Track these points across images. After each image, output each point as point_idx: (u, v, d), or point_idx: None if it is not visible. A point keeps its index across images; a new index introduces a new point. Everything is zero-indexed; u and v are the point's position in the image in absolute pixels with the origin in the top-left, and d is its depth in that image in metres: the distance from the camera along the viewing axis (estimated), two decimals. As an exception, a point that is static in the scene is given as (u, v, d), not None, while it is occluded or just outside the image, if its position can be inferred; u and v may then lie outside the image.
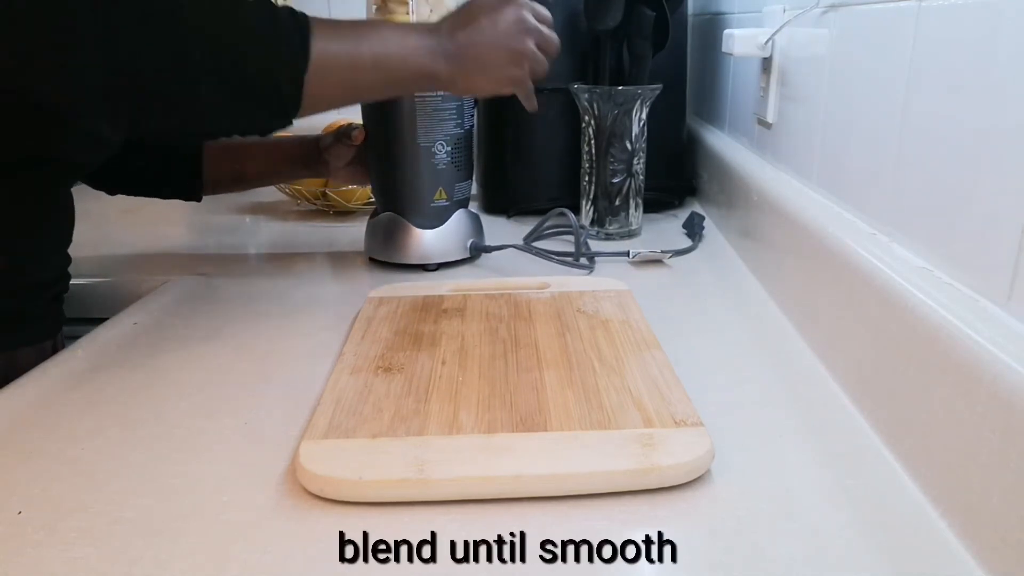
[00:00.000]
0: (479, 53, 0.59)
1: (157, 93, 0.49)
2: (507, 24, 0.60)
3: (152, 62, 0.47)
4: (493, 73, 0.61)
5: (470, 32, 0.59)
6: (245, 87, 0.51)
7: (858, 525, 0.38)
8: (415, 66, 0.57)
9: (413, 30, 0.58)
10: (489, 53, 0.60)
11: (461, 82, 0.60)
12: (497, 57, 0.60)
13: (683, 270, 0.78)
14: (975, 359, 0.36)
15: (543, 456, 0.42)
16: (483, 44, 0.59)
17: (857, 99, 0.56)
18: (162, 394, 0.53)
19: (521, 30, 0.61)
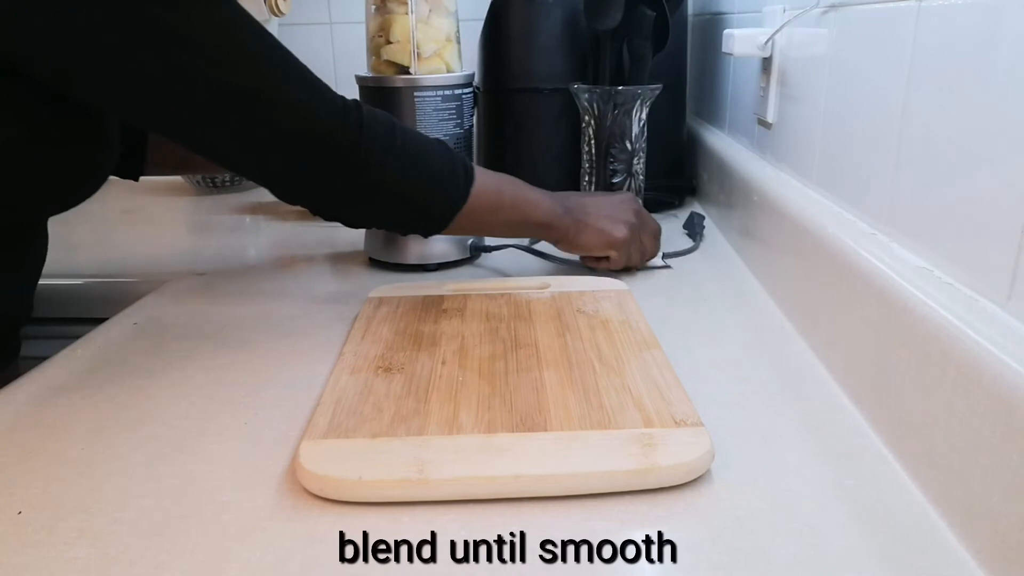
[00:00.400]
0: (589, 215, 0.72)
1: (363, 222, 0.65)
2: (619, 200, 0.75)
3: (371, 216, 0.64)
4: (600, 235, 0.72)
5: (585, 200, 0.74)
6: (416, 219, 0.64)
7: (858, 525, 0.38)
8: (539, 215, 0.69)
9: (539, 191, 0.69)
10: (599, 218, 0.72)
11: (574, 237, 0.72)
12: (604, 223, 0.72)
13: (683, 270, 0.78)
14: (975, 359, 0.36)
15: (543, 456, 0.42)
16: (594, 209, 0.73)
17: (857, 99, 0.56)
18: (162, 394, 0.53)
19: (628, 209, 0.74)
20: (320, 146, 0.55)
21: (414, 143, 0.60)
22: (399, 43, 0.76)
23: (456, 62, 0.80)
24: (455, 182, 0.62)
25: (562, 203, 0.70)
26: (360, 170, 0.57)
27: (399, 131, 0.59)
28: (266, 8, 1.09)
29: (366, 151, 0.56)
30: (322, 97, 0.56)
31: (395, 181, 0.59)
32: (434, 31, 0.77)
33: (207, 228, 1.01)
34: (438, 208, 0.62)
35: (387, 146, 0.58)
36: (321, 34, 1.27)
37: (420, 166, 0.60)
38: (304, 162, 0.56)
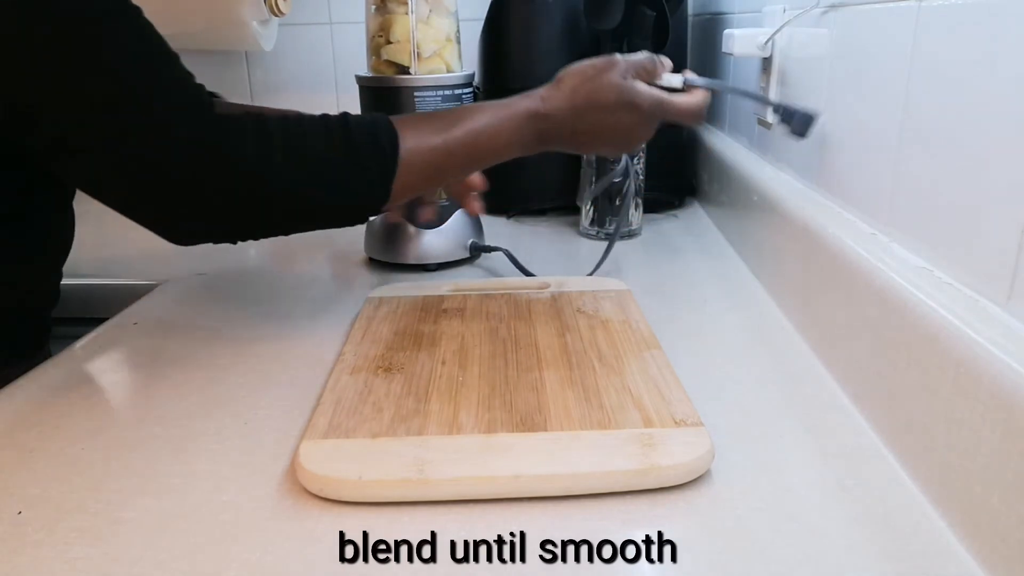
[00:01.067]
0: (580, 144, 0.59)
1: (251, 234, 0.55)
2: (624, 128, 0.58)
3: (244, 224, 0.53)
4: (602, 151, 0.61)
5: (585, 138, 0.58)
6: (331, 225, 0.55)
7: (858, 525, 0.38)
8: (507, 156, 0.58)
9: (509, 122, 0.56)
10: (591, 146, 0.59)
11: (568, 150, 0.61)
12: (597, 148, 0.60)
13: (683, 270, 0.78)
14: (975, 359, 0.36)
15: (543, 456, 0.42)
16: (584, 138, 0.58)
17: (857, 99, 0.56)
18: (162, 394, 0.53)
19: (643, 139, 0.59)
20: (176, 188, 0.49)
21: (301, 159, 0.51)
22: (399, 43, 0.76)
23: (456, 62, 0.80)
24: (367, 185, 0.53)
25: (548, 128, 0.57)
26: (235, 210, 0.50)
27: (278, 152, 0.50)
28: (266, 8, 1.09)
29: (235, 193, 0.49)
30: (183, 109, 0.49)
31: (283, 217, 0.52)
32: (434, 31, 0.77)
33: (207, 228, 1.01)
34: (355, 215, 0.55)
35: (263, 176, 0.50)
36: (321, 34, 1.27)
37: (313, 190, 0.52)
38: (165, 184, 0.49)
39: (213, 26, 1.10)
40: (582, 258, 0.83)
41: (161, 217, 0.52)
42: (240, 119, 0.50)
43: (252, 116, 0.51)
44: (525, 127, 0.57)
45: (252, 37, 1.11)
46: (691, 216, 0.99)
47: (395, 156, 0.53)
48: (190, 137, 0.48)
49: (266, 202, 0.51)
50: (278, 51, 1.18)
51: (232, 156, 0.49)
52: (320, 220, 0.55)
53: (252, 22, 1.09)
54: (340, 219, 0.55)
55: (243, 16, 1.08)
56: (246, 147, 0.49)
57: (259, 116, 0.51)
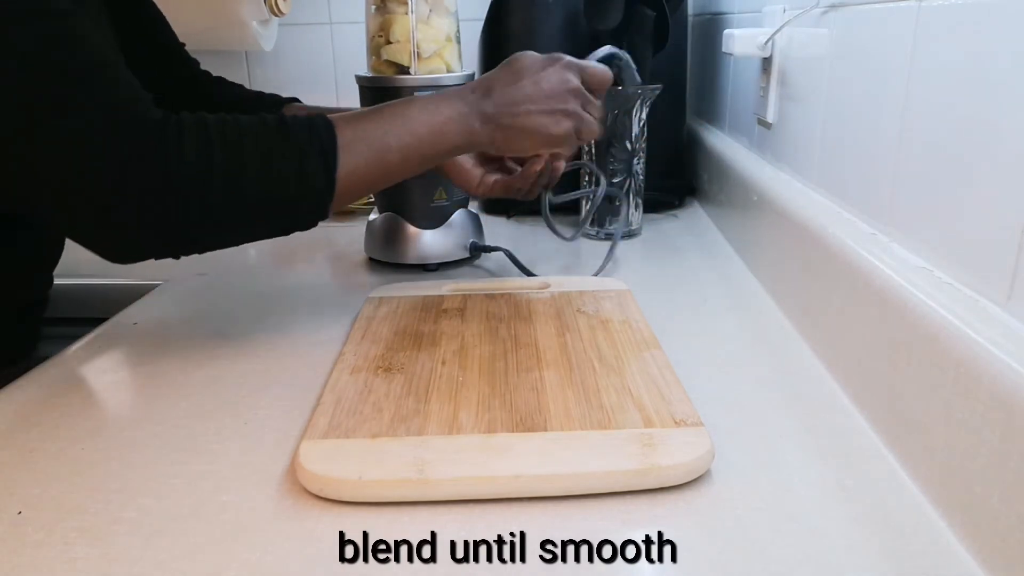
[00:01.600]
0: (519, 115, 0.57)
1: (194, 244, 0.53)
2: (551, 85, 0.57)
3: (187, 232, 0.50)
4: (535, 136, 0.58)
5: (512, 92, 0.57)
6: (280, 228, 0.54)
7: (858, 525, 0.38)
8: (450, 141, 0.56)
9: (445, 101, 0.56)
10: (530, 116, 0.57)
11: (503, 145, 0.58)
12: (539, 120, 0.57)
13: (683, 270, 0.78)
14: (975, 359, 0.36)
15: (543, 456, 0.42)
16: (524, 106, 0.57)
17: (857, 99, 0.56)
18: (162, 394, 0.53)
19: (566, 91, 0.58)
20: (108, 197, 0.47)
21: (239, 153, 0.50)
22: (399, 43, 0.76)
23: (456, 62, 0.80)
24: (307, 175, 0.52)
25: (479, 108, 0.56)
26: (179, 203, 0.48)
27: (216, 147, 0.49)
28: (266, 8, 1.09)
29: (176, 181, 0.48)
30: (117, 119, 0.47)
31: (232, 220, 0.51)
32: (434, 31, 0.77)
33: (207, 228, 1.01)
34: (303, 210, 0.54)
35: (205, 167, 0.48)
36: (321, 34, 1.27)
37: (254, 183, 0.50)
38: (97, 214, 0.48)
39: (213, 26, 1.10)
40: (582, 258, 0.83)
41: (101, 233, 0.49)
42: (178, 119, 0.48)
43: (189, 115, 0.49)
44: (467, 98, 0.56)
45: (252, 37, 1.11)
46: (691, 216, 0.99)
47: (334, 143, 0.52)
48: (122, 143, 0.46)
49: (209, 202, 0.49)
50: (278, 51, 1.18)
51: (171, 156, 0.47)
52: (264, 221, 0.53)
53: (252, 22, 1.09)
54: (288, 215, 0.53)
55: (243, 16, 1.08)
56: (184, 147, 0.47)
57: (197, 114, 0.50)
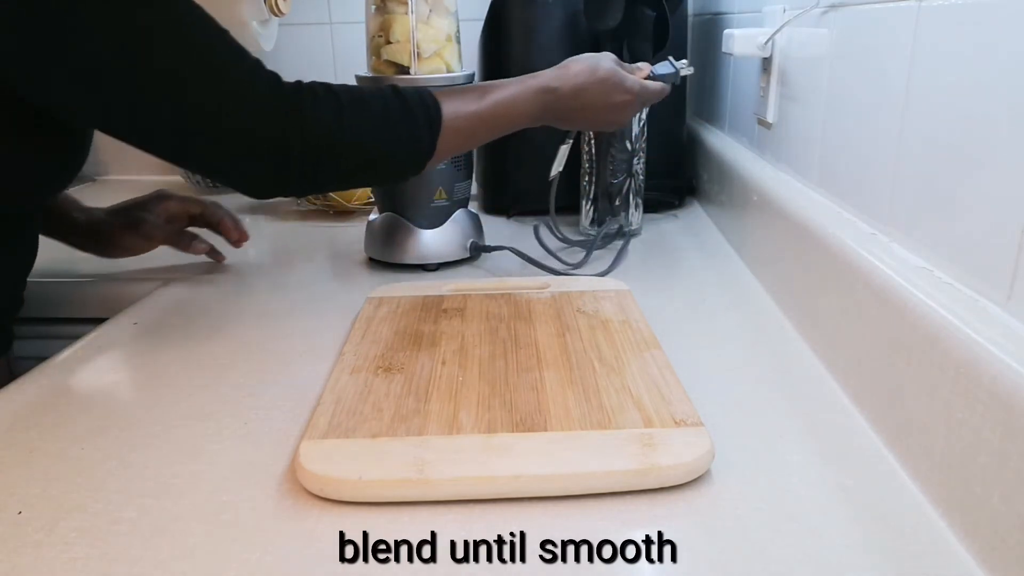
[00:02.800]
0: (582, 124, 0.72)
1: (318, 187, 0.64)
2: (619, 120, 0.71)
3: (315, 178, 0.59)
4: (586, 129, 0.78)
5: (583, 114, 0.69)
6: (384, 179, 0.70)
7: (858, 525, 0.38)
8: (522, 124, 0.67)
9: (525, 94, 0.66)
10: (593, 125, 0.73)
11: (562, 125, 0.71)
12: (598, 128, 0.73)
13: (683, 270, 0.78)
14: (975, 359, 0.36)
15: (543, 456, 0.42)
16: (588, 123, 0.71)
17: (857, 99, 0.56)
18: (162, 394, 0.53)
19: (626, 123, 0.74)
20: (263, 146, 0.55)
21: (365, 116, 0.59)
22: (399, 43, 0.76)
23: (456, 62, 0.80)
24: (416, 136, 0.61)
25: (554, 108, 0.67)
26: (312, 153, 0.56)
27: (346, 110, 0.58)
28: (266, 8, 1.09)
29: (314, 135, 0.56)
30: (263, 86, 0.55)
31: (350, 158, 0.59)
32: (434, 31, 0.77)
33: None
34: (406, 165, 0.63)
35: (336, 123, 0.57)
36: (321, 34, 1.27)
37: (374, 134, 0.59)
38: (253, 152, 0.55)
39: (213, 26, 1.10)
40: (575, 257, 0.83)
41: (245, 178, 0.58)
42: (311, 87, 0.57)
43: (319, 84, 0.58)
44: (536, 99, 0.66)
45: (252, 37, 1.11)
46: (691, 216, 0.99)
47: (439, 113, 0.61)
48: (273, 105, 0.55)
49: (336, 156, 0.58)
50: (278, 51, 1.18)
51: (310, 118, 0.56)
52: (378, 172, 0.63)
53: (252, 22, 1.09)
54: (395, 170, 0.63)
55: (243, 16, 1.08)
56: (319, 110, 0.56)
57: (325, 84, 0.58)
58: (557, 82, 0.66)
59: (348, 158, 0.59)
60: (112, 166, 1.36)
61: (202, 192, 1.21)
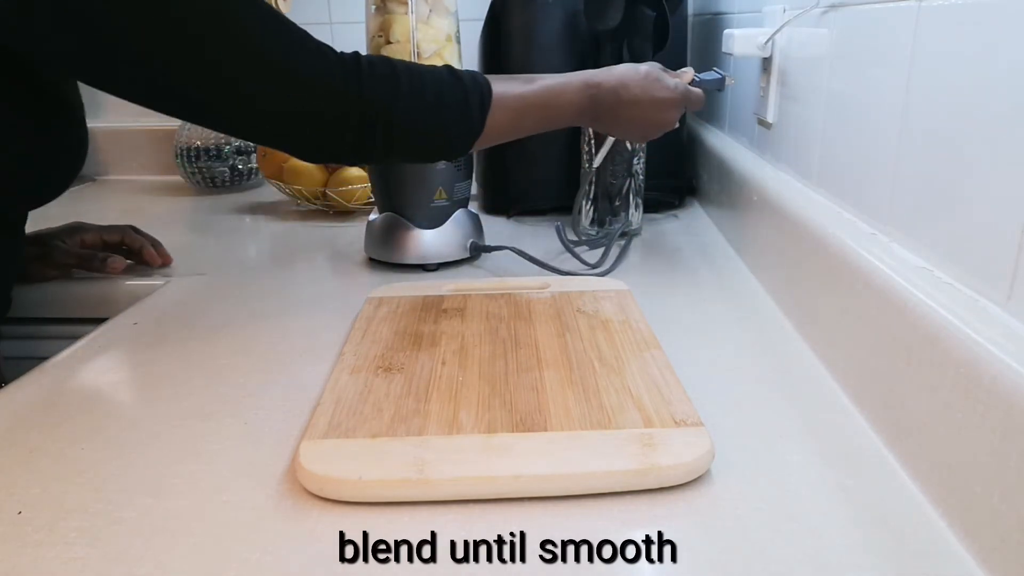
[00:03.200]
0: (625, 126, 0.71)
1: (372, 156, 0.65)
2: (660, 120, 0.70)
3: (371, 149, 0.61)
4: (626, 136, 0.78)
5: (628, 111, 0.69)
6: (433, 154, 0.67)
7: (858, 525, 0.38)
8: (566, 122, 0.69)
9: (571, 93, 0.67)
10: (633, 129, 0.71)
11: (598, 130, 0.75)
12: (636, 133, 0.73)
13: (683, 270, 0.78)
14: (975, 359, 0.36)
15: (543, 456, 0.42)
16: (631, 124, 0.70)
17: (857, 99, 0.56)
18: (162, 394, 0.53)
19: (669, 124, 0.72)
20: (325, 110, 0.57)
21: (420, 85, 0.60)
22: (399, 43, 0.76)
23: (456, 62, 0.80)
24: (468, 114, 0.62)
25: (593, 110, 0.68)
26: (369, 127, 0.58)
27: (403, 79, 0.59)
28: (266, 8, 1.09)
29: (371, 110, 0.58)
30: (321, 60, 0.56)
31: (405, 132, 0.60)
32: (434, 31, 0.77)
33: (207, 228, 1.01)
34: (456, 142, 0.64)
35: (393, 98, 0.58)
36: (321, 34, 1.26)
37: (429, 110, 0.61)
38: (312, 126, 0.57)
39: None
40: (589, 257, 0.83)
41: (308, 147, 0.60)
42: (368, 59, 0.59)
43: (376, 57, 0.60)
44: (582, 91, 0.67)
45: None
46: (691, 216, 0.99)
47: (490, 91, 0.63)
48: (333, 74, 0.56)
49: (391, 126, 0.59)
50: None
51: (367, 87, 0.57)
52: (430, 145, 0.64)
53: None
54: (445, 145, 0.64)
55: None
56: (377, 79, 0.58)
57: (382, 57, 0.60)
58: (600, 77, 0.67)
59: (403, 128, 0.60)
60: (112, 166, 1.36)
61: (202, 192, 1.21)
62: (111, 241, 0.80)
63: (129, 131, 1.35)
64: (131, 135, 1.35)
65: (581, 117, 0.68)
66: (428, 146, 0.64)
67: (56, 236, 0.78)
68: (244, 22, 0.53)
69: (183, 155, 1.19)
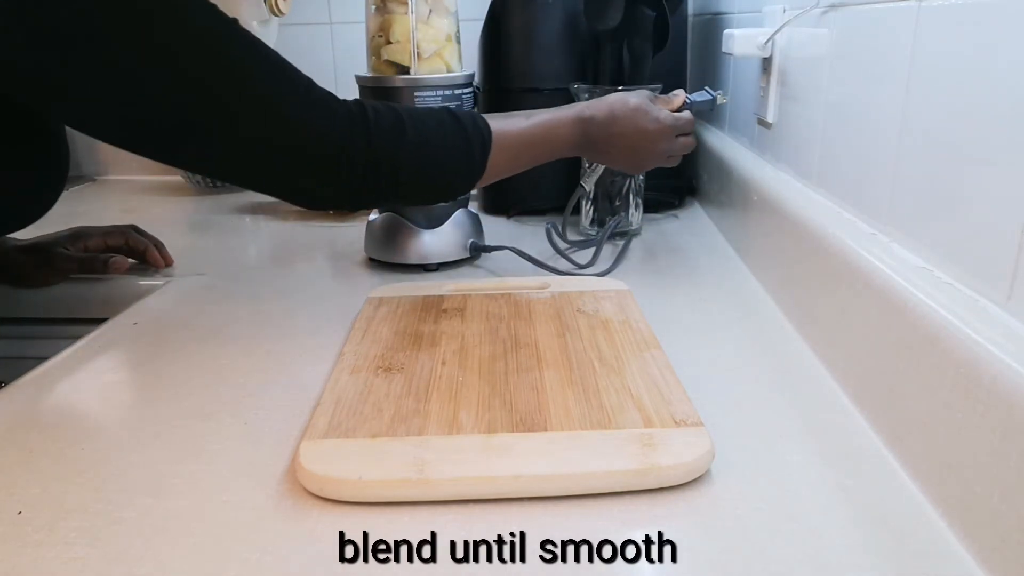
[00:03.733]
0: (616, 156, 0.72)
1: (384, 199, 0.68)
2: (651, 151, 0.72)
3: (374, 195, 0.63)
4: (621, 167, 0.76)
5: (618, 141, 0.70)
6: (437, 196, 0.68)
7: (858, 525, 0.38)
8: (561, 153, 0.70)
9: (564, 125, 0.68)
10: (625, 159, 0.72)
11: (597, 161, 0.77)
12: (629, 164, 0.74)
13: (683, 270, 0.78)
14: (975, 359, 0.36)
15: (543, 456, 0.42)
16: (622, 154, 0.71)
17: (857, 99, 0.56)
18: (162, 394, 0.53)
19: (661, 155, 0.72)
20: (331, 162, 0.57)
21: (423, 131, 0.61)
22: (399, 43, 0.76)
23: (456, 62, 0.80)
24: (471, 159, 0.64)
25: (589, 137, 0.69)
26: (374, 176, 0.58)
27: (408, 125, 0.60)
28: (266, 8, 1.09)
29: (377, 161, 0.58)
30: (327, 111, 0.56)
31: (411, 177, 0.61)
32: (434, 31, 0.77)
33: (207, 228, 1.01)
34: (458, 184, 0.65)
35: (398, 148, 0.59)
36: (321, 34, 1.27)
37: (433, 157, 0.61)
38: (318, 177, 0.57)
39: (213, 26, 1.10)
40: (582, 258, 0.83)
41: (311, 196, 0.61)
42: (372, 105, 0.59)
43: (378, 103, 0.60)
44: (574, 125, 0.68)
45: (252, 37, 1.11)
46: (691, 216, 0.99)
47: (489, 132, 0.64)
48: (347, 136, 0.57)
49: (397, 171, 0.60)
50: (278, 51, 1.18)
51: (375, 134, 0.58)
52: (434, 188, 0.64)
53: (252, 22, 1.09)
54: (448, 186, 0.65)
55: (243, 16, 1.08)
56: (382, 126, 0.58)
57: (383, 102, 0.61)
58: (590, 110, 0.69)
59: (409, 175, 0.60)
60: (112, 166, 1.36)
61: (202, 192, 1.21)
62: (114, 244, 0.80)
63: (129, 131, 1.35)
64: (131, 135, 1.35)
65: (575, 150, 0.69)
66: (432, 190, 0.65)
67: (58, 242, 0.78)
68: (255, 74, 0.53)
69: (183, 155, 1.19)
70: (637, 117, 0.69)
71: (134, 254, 0.81)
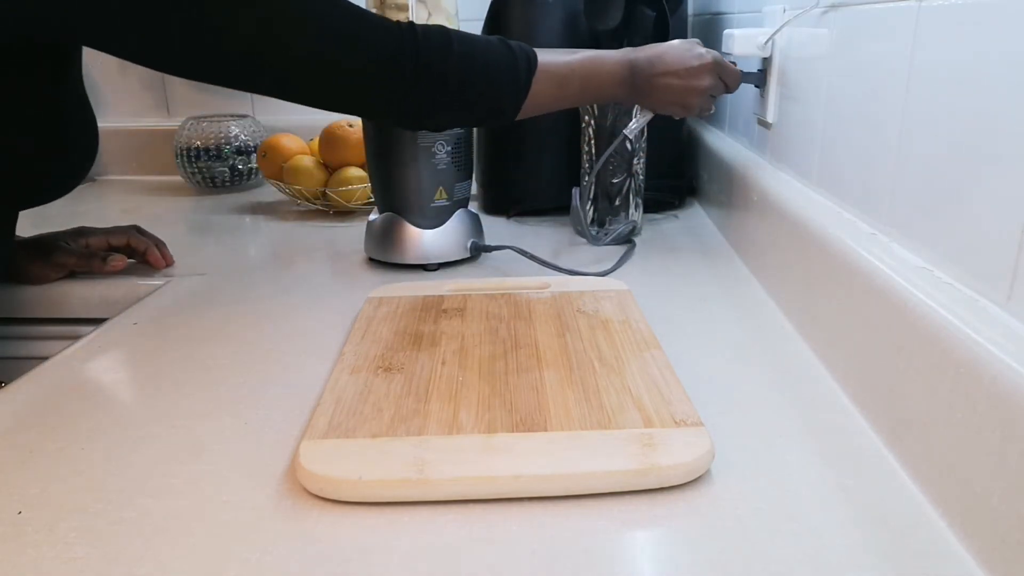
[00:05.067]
0: (662, 96, 0.74)
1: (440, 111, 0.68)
2: (696, 88, 0.73)
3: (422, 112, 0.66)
4: (665, 108, 0.76)
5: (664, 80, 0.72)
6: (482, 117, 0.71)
7: (858, 525, 0.38)
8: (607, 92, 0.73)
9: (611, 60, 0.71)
10: (670, 98, 0.74)
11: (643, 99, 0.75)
12: (674, 103, 0.75)
13: (683, 270, 0.78)
14: (975, 359, 0.36)
15: (543, 456, 0.42)
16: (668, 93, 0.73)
17: (857, 99, 0.56)
18: (162, 394, 0.53)
19: (705, 93, 0.74)
20: (383, 71, 0.61)
21: (471, 48, 0.64)
22: (399, 43, 0.76)
23: (456, 62, 0.80)
24: (516, 75, 0.67)
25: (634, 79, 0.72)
26: (423, 85, 0.63)
27: (455, 40, 0.64)
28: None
29: (426, 68, 0.62)
30: (377, 25, 0.61)
31: (457, 88, 0.65)
32: (434, 31, 0.77)
33: (207, 228, 1.01)
34: (504, 101, 0.68)
35: (445, 58, 0.63)
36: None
37: (479, 69, 0.65)
38: (371, 87, 0.62)
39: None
40: (582, 258, 0.83)
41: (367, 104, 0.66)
42: (423, 25, 0.63)
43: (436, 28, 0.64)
44: (620, 63, 0.71)
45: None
46: (691, 216, 0.99)
47: (535, 59, 0.68)
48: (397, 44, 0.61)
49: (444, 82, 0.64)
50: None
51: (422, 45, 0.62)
52: (481, 104, 0.67)
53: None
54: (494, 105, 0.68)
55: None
56: (430, 39, 0.63)
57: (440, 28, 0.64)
58: (635, 53, 0.72)
59: (456, 83, 0.64)
60: (112, 166, 1.36)
61: (202, 192, 1.21)
62: (116, 244, 0.80)
63: (129, 131, 1.35)
64: (131, 135, 1.35)
65: (620, 87, 0.72)
66: (479, 105, 0.67)
67: (59, 238, 0.78)
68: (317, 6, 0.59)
69: (183, 155, 1.19)
70: (681, 54, 0.72)
71: (135, 254, 0.81)
